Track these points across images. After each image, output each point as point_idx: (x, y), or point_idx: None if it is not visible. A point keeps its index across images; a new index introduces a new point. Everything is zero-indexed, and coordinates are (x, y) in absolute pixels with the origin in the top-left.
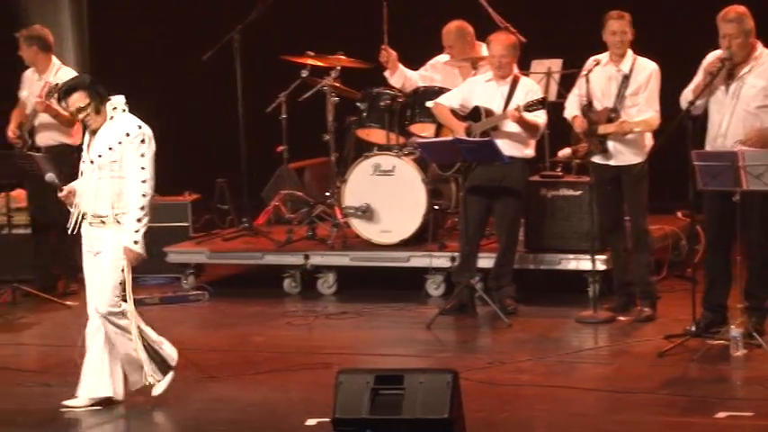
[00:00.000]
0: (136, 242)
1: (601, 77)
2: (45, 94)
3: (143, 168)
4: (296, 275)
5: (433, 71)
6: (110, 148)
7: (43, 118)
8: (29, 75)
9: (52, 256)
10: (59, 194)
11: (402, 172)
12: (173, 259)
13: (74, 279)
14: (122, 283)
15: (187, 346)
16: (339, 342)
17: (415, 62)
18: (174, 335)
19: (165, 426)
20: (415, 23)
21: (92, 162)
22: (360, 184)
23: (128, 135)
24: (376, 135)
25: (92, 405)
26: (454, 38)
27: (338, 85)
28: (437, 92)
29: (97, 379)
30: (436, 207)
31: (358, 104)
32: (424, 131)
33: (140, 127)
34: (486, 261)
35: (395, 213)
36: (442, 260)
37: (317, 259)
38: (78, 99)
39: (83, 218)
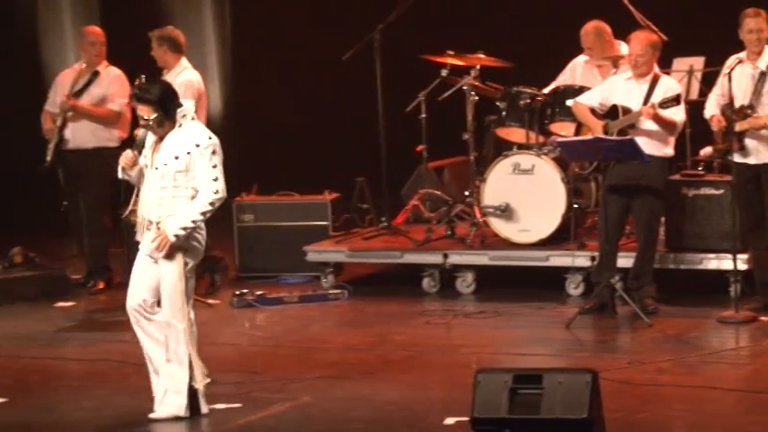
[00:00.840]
0: (176, 236)
1: (741, 75)
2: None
3: (215, 180)
4: (435, 274)
5: (572, 74)
6: (176, 157)
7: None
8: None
9: None
10: (128, 155)
11: (541, 171)
12: (312, 258)
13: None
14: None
15: (326, 345)
16: (477, 341)
17: (555, 64)
18: (312, 333)
19: (303, 424)
20: (556, 24)
21: (156, 169)
22: (499, 183)
23: (198, 146)
24: (516, 134)
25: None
26: (593, 39)
27: (478, 84)
28: (577, 91)
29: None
30: (576, 206)
31: (497, 103)
32: (563, 130)
33: (210, 138)
34: (625, 260)
35: (534, 212)
36: (581, 259)
37: (455, 258)
38: (144, 111)
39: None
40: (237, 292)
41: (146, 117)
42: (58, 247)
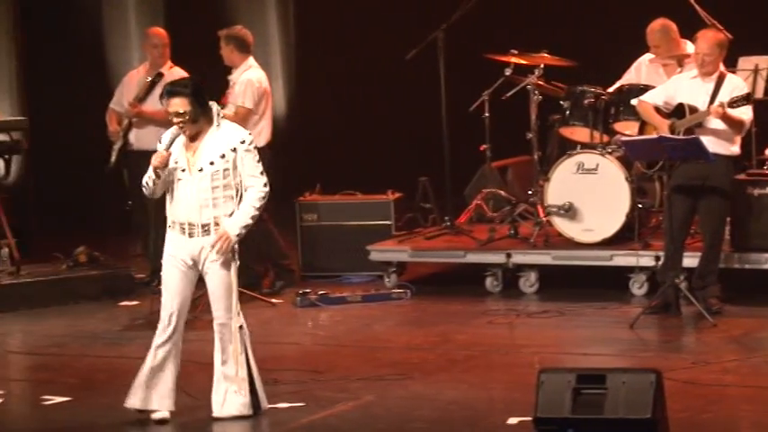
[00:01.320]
0: (238, 235)
1: None
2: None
3: (262, 173)
4: (498, 274)
5: (637, 73)
6: (222, 156)
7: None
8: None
9: (257, 255)
10: (163, 154)
11: (606, 170)
12: (375, 257)
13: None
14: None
15: (388, 345)
16: (541, 341)
17: (620, 63)
18: (375, 333)
19: (366, 423)
20: (620, 23)
21: (200, 170)
22: (563, 183)
23: (243, 142)
24: (580, 133)
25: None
26: (659, 37)
27: (542, 83)
28: (641, 89)
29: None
30: (640, 205)
31: (561, 103)
32: (628, 129)
33: (250, 134)
34: (690, 260)
35: (598, 212)
36: (646, 259)
37: (518, 258)
38: (179, 104)
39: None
40: (301, 292)
41: (181, 111)
42: (123, 246)
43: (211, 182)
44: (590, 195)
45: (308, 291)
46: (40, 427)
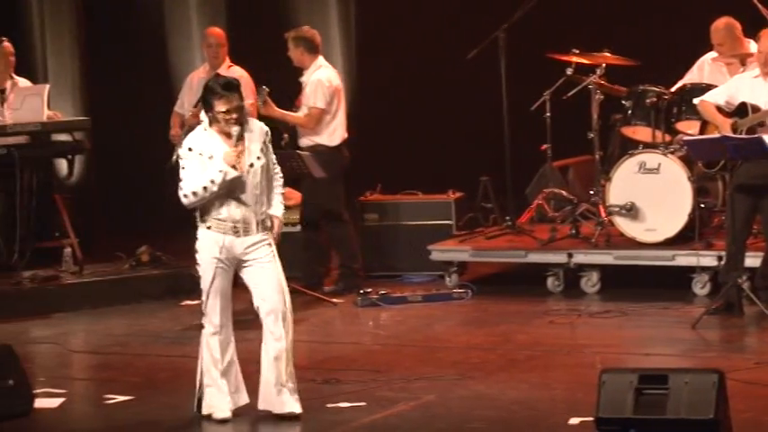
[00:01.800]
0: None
1: None
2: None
3: (276, 162)
4: (559, 274)
5: (699, 72)
6: (261, 150)
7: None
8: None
9: (320, 255)
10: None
11: (668, 170)
12: (436, 257)
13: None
14: None
15: (449, 344)
16: (602, 341)
17: (682, 63)
18: (436, 332)
19: (427, 423)
20: (683, 22)
21: (251, 166)
22: (624, 182)
23: (267, 134)
24: (641, 133)
25: None
26: (723, 35)
27: (603, 82)
28: (704, 89)
29: None
30: (702, 205)
31: (623, 102)
32: (690, 129)
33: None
34: (753, 260)
35: (660, 211)
36: (708, 259)
37: (580, 258)
38: (238, 99)
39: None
40: (362, 291)
41: (239, 105)
42: (185, 245)
43: (263, 177)
44: (652, 195)
45: (369, 290)
46: (102, 426)
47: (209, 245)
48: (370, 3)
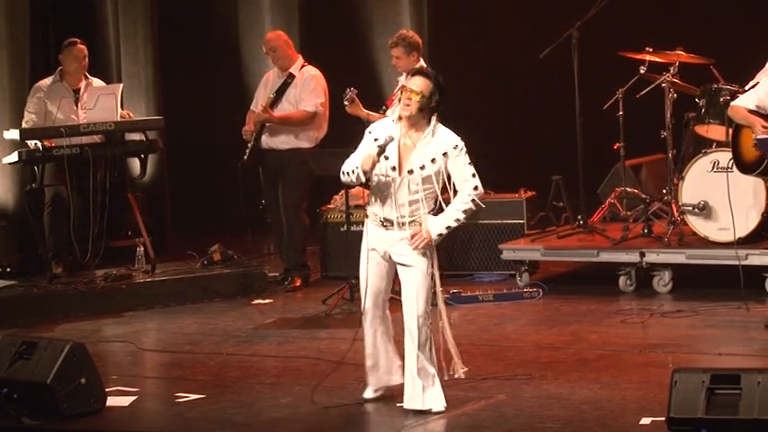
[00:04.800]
0: (440, 234)
1: None
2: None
3: (474, 175)
4: (631, 273)
5: (764, 74)
6: (433, 160)
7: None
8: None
9: None
10: (373, 156)
11: None
12: (507, 256)
13: None
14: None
15: (520, 344)
16: (674, 341)
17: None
18: (506, 332)
19: (497, 423)
20: (757, 20)
21: (410, 172)
22: (697, 181)
23: (456, 147)
24: (715, 131)
25: None
26: None
27: (677, 81)
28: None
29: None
30: None
31: (697, 100)
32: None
33: (459, 137)
34: None
35: (733, 210)
36: None
37: (652, 257)
38: (420, 83)
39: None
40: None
41: (416, 89)
42: (256, 245)
43: (418, 185)
44: (725, 194)
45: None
46: (173, 424)
47: (365, 232)
48: (442, 2)
